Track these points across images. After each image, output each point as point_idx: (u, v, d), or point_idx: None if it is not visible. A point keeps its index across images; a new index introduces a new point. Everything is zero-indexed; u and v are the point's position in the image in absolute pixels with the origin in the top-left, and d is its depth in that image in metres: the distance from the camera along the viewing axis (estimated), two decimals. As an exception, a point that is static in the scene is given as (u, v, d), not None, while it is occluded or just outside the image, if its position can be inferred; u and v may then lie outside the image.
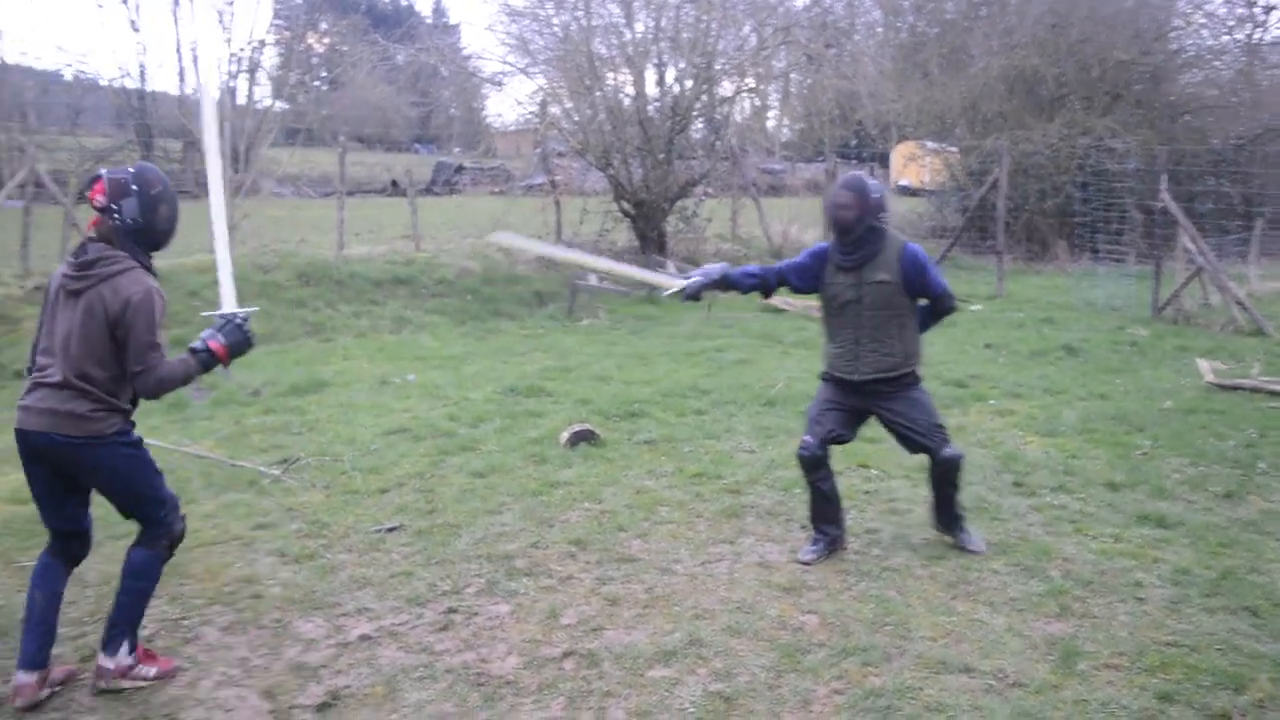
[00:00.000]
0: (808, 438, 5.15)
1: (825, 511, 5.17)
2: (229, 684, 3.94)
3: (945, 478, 5.09)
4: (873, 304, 4.95)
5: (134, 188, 3.77)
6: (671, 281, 5.32)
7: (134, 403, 3.90)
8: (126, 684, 3.88)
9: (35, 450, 3.77)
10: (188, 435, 7.43)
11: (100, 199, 3.76)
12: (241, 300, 4.16)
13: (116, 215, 3.75)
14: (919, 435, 5.03)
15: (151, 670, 3.95)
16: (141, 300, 3.69)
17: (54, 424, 3.70)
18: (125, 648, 3.89)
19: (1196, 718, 3.63)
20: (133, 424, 3.91)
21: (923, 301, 5.08)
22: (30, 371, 3.85)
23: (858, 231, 4.90)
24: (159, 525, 3.95)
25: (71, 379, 3.70)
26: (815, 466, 5.13)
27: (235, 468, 6.62)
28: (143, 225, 3.79)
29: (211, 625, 4.43)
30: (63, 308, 3.78)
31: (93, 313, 3.69)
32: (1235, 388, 8.79)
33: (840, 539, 5.21)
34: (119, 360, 3.73)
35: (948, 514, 5.21)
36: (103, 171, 3.86)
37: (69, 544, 3.99)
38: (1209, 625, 4.31)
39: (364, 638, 4.30)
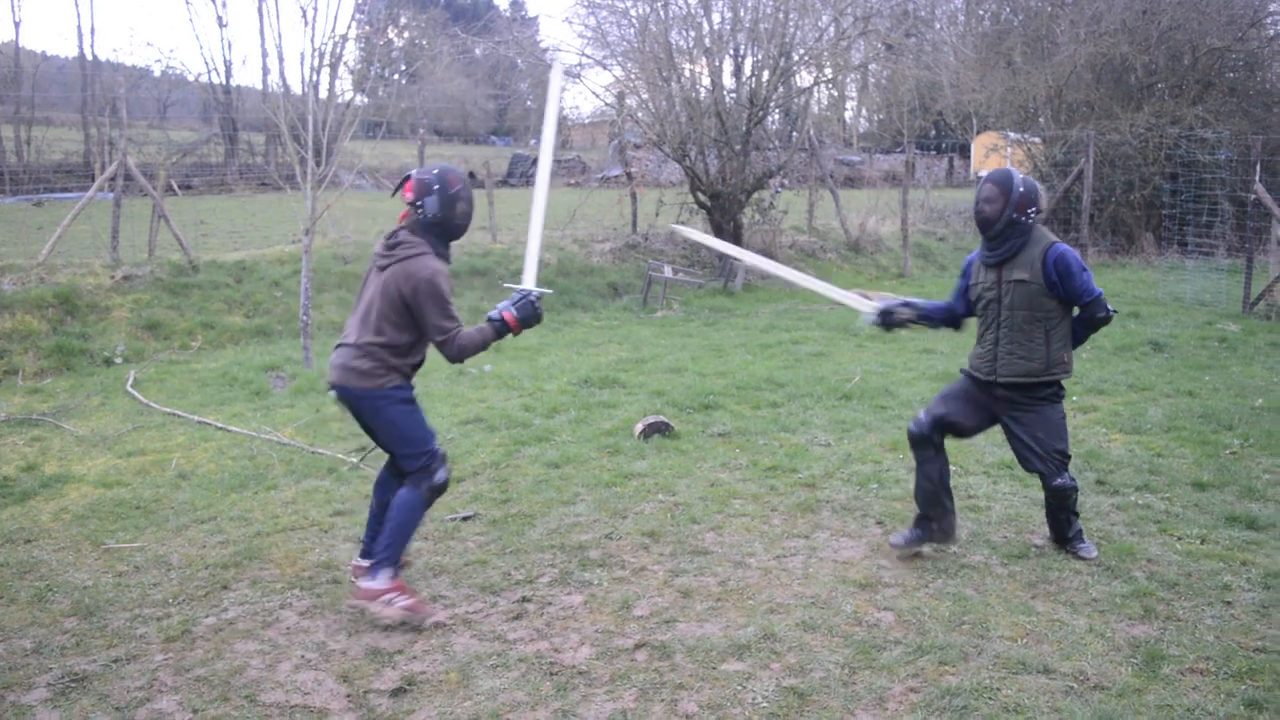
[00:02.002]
0: (921, 414, 5.06)
1: (926, 495, 5.00)
2: (307, 667, 4.01)
3: (1057, 505, 4.94)
4: (1013, 304, 4.79)
5: (436, 187, 4.35)
6: (862, 305, 5.22)
7: (416, 366, 4.51)
8: (375, 608, 4.26)
9: (337, 398, 4.47)
10: (269, 422, 7.59)
11: (409, 196, 4.36)
12: (317, 290, 4.30)
13: (421, 210, 4.35)
14: (1037, 456, 4.86)
15: (404, 600, 4.29)
16: (428, 282, 4.26)
17: (345, 377, 4.36)
18: (386, 574, 4.30)
19: (1288, 726, 3.52)
20: (411, 385, 4.51)
21: (1077, 310, 4.87)
22: None
23: (999, 227, 4.74)
24: (421, 471, 4.45)
25: (363, 341, 4.35)
26: (919, 445, 5.03)
27: (315, 455, 6.74)
28: (441, 219, 4.37)
29: (290, 609, 4.52)
30: (371, 281, 4.45)
31: (388, 288, 4.31)
32: (1332, 386, 8.50)
33: (942, 529, 5.00)
34: (411, 328, 4.35)
35: (1059, 534, 5.05)
36: (412, 172, 4.44)
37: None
38: (1302, 631, 4.17)
39: (438, 625, 4.35)
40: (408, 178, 4.41)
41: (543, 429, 7.33)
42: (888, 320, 5.12)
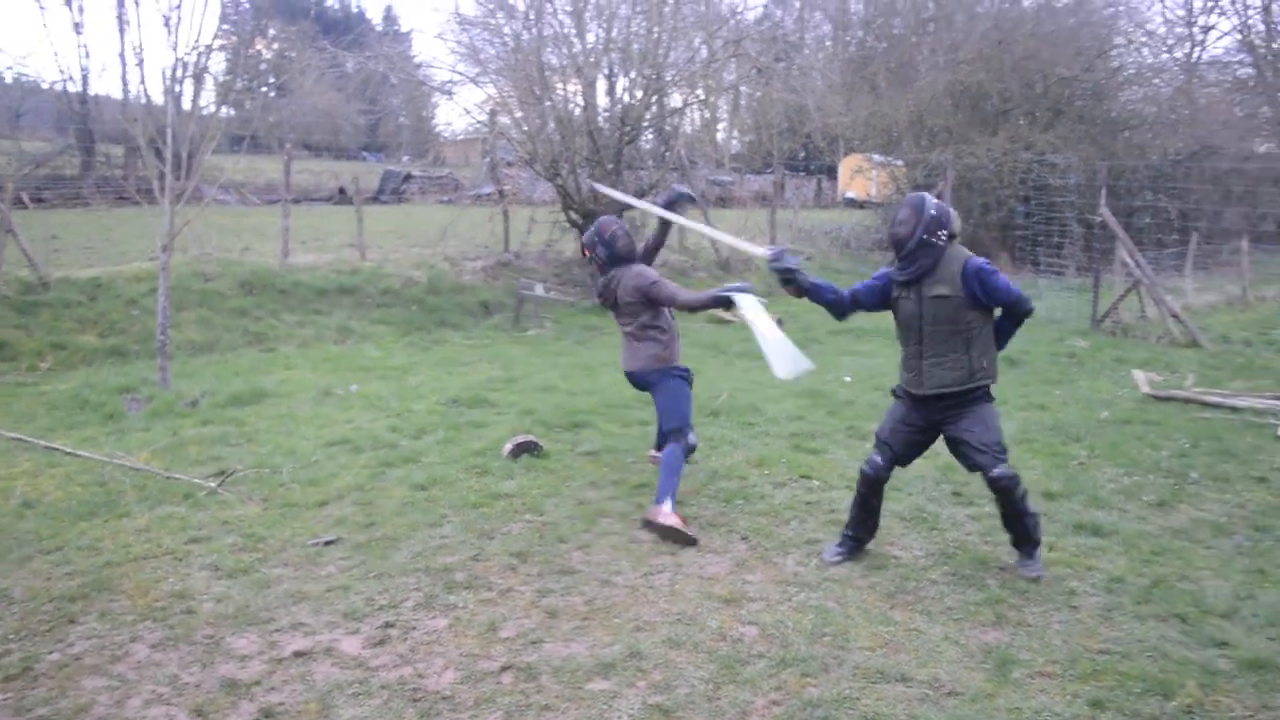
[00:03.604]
0: (876, 458, 5.20)
1: (865, 522, 5.30)
2: (158, 702, 3.85)
3: (1004, 500, 4.99)
4: (934, 319, 4.93)
5: (596, 240, 6.17)
6: (757, 249, 5.64)
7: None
8: (660, 521, 5.52)
9: (633, 380, 6.28)
10: (122, 446, 7.30)
11: (587, 254, 6.28)
12: (177, 309, 4.13)
13: (598, 258, 6.21)
14: (975, 450, 4.94)
15: (675, 521, 5.53)
16: (642, 278, 6.06)
17: (642, 363, 6.13)
18: (668, 504, 5.60)
19: (1127, 726, 3.68)
20: (685, 368, 6.29)
21: (998, 313, 5.02)
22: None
23: (909, 246, 4.90)
24: (679, 433, 5.99)
25: (642, 333, 6.12)
26: (875, 485, 5.21)
27: (170, 480, 6.50)
28: (615, 254, 6.17)
29: (141, 642, 4.34)
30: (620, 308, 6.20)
31: (633, 294, 6.05)
32: (1170, 399, 8.96)
33: (861, 546, 5.33)
34: (654, 316, 6.12)
35: (1020, 532, 5.09)
36: (584, 239, 6.32)
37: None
38: (1140, 632, 4.38)
39: (298, 654, 4.23)
40: (584, 245, 6.29)
41: (409, 450, 7.23)
42: (778, 266, 5.16)
